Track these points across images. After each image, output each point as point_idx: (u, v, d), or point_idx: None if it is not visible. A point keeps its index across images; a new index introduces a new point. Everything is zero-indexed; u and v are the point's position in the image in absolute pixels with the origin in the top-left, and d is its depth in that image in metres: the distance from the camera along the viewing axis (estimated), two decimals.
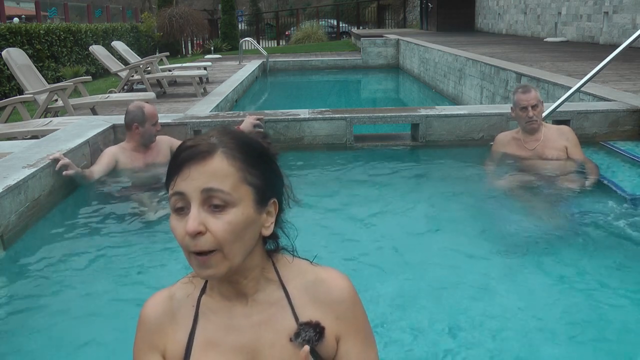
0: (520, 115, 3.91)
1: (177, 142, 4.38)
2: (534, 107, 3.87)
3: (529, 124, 3.91)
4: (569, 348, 2.17)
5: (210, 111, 6.85)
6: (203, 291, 1.23)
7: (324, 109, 5.24)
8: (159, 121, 4.29)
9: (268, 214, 1.18)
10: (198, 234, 1.08)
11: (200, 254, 1.09)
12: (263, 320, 1.20)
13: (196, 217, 1.08)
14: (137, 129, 4.12)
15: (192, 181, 1.09)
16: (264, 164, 1.17)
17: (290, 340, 1.18)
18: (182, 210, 1.11)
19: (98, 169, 4.01)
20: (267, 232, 1.18)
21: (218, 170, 1.10)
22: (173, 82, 10.86)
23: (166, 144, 4.36)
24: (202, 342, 1.20)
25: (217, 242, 1.09)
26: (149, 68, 10.12)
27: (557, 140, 3.98)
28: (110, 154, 4.13)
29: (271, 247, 1.25)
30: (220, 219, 1.09)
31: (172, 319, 1.23)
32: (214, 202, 1.09)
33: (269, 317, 1.21)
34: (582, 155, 4.01)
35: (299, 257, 1.29)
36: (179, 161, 1.11)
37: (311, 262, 1.29)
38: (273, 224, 1.19)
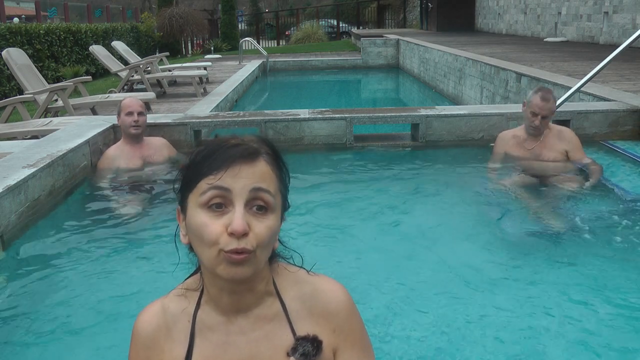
0: (528, 116, 3.91)
1: (173, 149, 4.45)
2: (544, 117, 3.85)
3: (531, 128, 3.92)
4: (571, 349, 2.16)
5: (210, 111, 6.85)
6: (198, 306, 1.21)
7: (324, 109, 5.24)
8: (161, 121, 4.32)
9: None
10: (243, 235, 1.06)
11: (236, 254, 1.06)
12: (260, 336, 1.19)
13: (243, 216, 1.06)
14: (118, 121, 4.34)
15: (242, 179, 1.07)
16: (288, 177, 1.18)
17: (288, 355, 1.16)
18: (219, 207, 1.07)
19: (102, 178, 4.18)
20: (276, 244, 1.19)
21: (265, 173, 1.10)
22: (173, 82, 10.86)
23: (163, 145, 4.43)
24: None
25: (256, 244, 1.07)
26: (149, 68, 10.12)
27: (557, 143, 3.97)
28: (108, 160, 4.25)
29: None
30: (262, 222, 1.09)
31: (167, 334, 1.20)
32: (257, 204, 1.08)
33: (267, 332, 1.19)
34: (585, 157, 4.00)
35: (296, 266, 1.27)
36: (226, 157, 1.08)
37: (308, 272, 1.27)
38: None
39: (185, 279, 1.27)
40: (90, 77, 9.68)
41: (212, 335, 1.19)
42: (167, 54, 13.04)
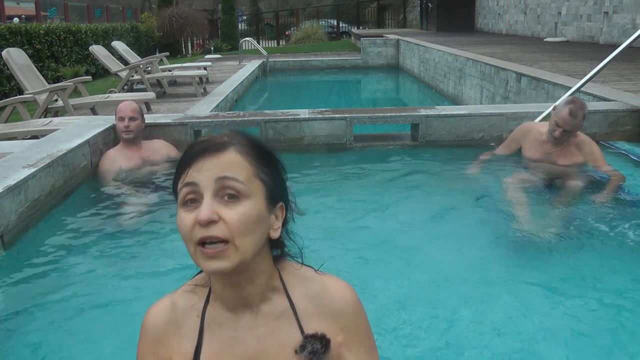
0: (552, 124, 3.80)
1: (173, 148, 4.46)
2: (566, 131, 3.76)
3: (551, 136, 3.85)
4: (572, 350, 2.16)
5: (210, 111, 6.85)
6: (207, 302, 1.22)
7: (324, 109, 5.24)
8: (161, 121, 4.33)
9: (276, 217, 1.18)
10: (211, 222, 1.06)
11: (210, 245, 1.07)
12: (268, 332, 1.19)
13: (210, 205, 1.07)
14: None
15: (206, 171, 1.09)
16: (273, 165, 1.18)
17: (296, 352, 1.17)
18: (193, 202, 1.09)
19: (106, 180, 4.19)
20: (275, 234, 1.18)
21: (233, 162, 1.11)
22: (173, 82, 10.86)
23: (163, 146, 4.45)
24: (208, 355, 1.19)
25: (230, 232, 1.07)
26: (149, 68, 10.12)
27: (576, 154, 3.87)
28: (108, 160, 4.27)
29: (277, 252, 1.24)
30: (234, 209, 1.09)
31: (176, 329, 1.21)
32: (227, 192, 1.09)
33: (274, 329, 1.20)
34: (606, 166, 3.88)
35: (304, 265, 1.28)
36: (192, 153, 1.11)
37: (316, 271, 1.28)
38: (280, 228, 1.20)
39: (194, 276, 1.28)
40: (90, 77, 9.68)
41: (220, 331, 1.20)
42: (167, 54, 13.04)
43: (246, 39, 17.56)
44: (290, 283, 1.23)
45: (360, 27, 31.03)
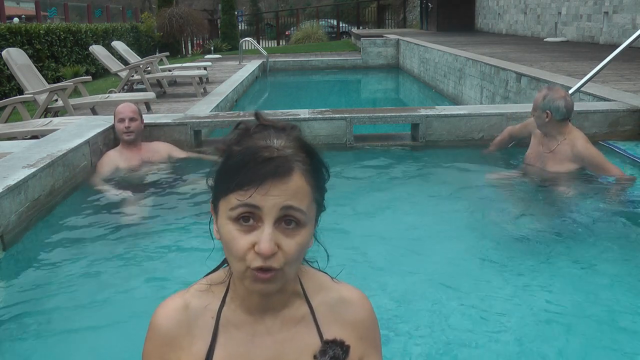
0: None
1: (176, 150, 4.45)
2: (532, 113, 3.77)
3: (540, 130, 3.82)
4: (571, 349, 2.16)
5: (210, 111, 6.85)
6: (223, 302, 1.18)
7: (324, 109, 5.24)
8: (161, 121, 4.33)
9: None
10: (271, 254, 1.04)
11: (263, 270, 1.05)
12: (287, 337, 1.18)
13: (271, 237, 1.04)
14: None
15: (272, 197, 1.04)
16: (324, 179, 1.15)
17: (315, 357, 1.16)
18: (247, 221, 1.05)
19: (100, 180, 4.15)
20: (311, 244, 1.16)
21: (299, 189, 1.06)
22: (173, 82, 10.86)
23: (163, 147, 4.45)
24: (221, 357, 1.16)
25: (285, 261, 1.06)
26: (149, 68, 10.12)
27: (570, 161, 3.70)
28: (107, 160, 4.27)
29: None
30: (293, 239, 1.06)
31: (188, 330, 1.17)
32: (288, 219, 1.06)
33: (294, 334, 1.18)
34: (612, 170, 3.69)
35: (319, 270, 1.27)
36: (258, 175, 1.04)
37: (332, 279, 1.27)
38: None
39: (208, 274, 1.25)
40: (90, 77, 9.68)
41: (237, 333, 1.17)
42: (167, 54, 13.04)
43: (246, 39, 17.57)
44: (309, 289, 1.22)
45: (360, 27, 31.03)
